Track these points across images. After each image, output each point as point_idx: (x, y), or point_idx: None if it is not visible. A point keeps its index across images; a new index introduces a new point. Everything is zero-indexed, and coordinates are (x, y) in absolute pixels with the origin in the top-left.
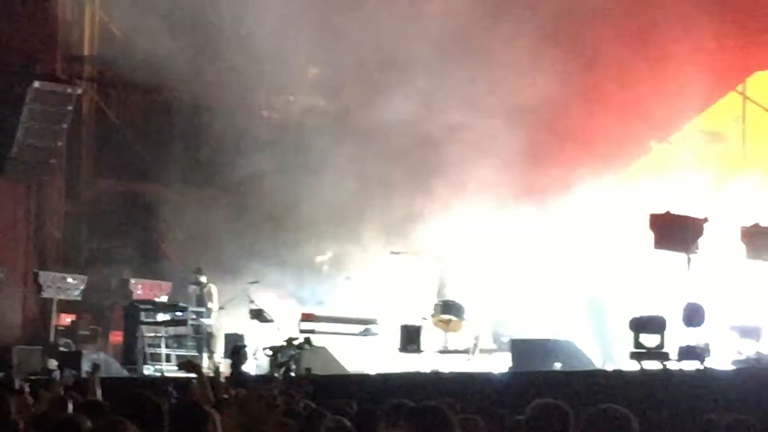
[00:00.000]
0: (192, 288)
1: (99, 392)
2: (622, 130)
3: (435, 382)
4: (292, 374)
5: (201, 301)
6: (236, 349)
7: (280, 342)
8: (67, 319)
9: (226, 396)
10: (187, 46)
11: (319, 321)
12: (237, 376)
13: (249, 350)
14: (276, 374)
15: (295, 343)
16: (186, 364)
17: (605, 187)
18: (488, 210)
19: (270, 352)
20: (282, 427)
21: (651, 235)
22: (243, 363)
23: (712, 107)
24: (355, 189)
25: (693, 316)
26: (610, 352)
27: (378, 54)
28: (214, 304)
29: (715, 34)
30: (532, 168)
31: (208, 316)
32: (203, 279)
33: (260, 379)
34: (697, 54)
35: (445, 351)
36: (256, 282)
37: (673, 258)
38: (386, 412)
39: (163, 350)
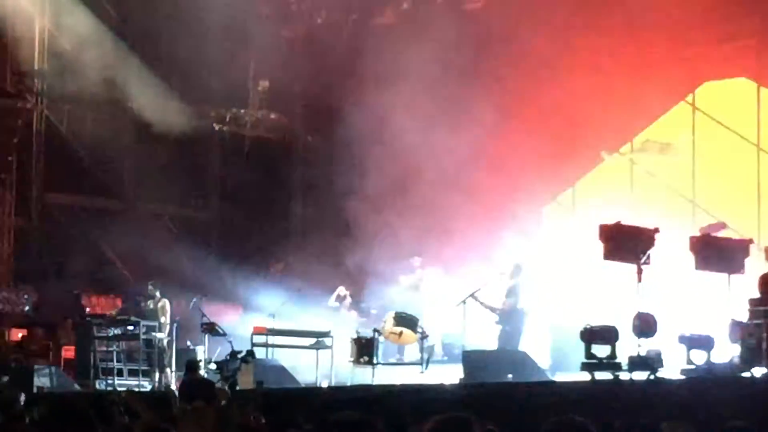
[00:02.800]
0: (146, 302)
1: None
2: (572, 142)
3: (389, 394)
4: (237, 387)
5: (154, 315)
6: (189, 363)
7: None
8: (18, 333)
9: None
10: (138, 60)
11: (271, 334)
12: (189, 389)
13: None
14: (221, 387)
15: (239, 356)
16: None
17: (557, 196)
18: (442, 219)
19: (214, 366)
20: None
21: (601, 246)
22: (196, 377)
23: (662, 118)
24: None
25: (644, 326)
26: (562, 363)
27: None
28: (167, 319)
29: (665, 45)
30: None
31: (161, 330)
32: (157, 293)
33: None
34: (647, 65)
35: (397, 363)
36: (204, 296)
37: (624, 268)
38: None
39: (116, 365)
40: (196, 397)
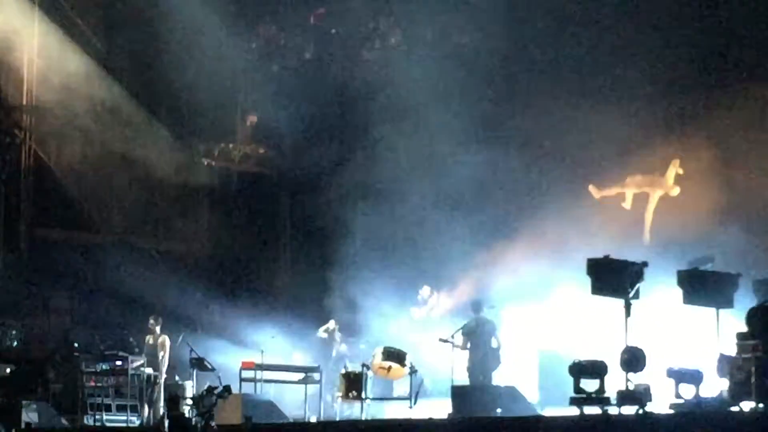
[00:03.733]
0: (145, 335)
1: None
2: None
3: (377, 429)
4: (213, 423)
5: (153, 350)
6: (172, 398)
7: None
8: (6, 368)
9: None
10: (126, 94)
11: (260, 369)
12: (175, 423)
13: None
14: (198, 423)
15: (216, 392)
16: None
17: (546, 230)
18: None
19: (191, 402)
20: None
21: (589, 281)
22: (179, 411)
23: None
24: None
25: (633, 360)
26: (551, 397)
27: None
28: (166, 354)
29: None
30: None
31: (159, 365)
32: (158, 329)
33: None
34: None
35: (386, 398)
36: (195, 330)
37: (613, 303)
38: None
39: (104, 400)
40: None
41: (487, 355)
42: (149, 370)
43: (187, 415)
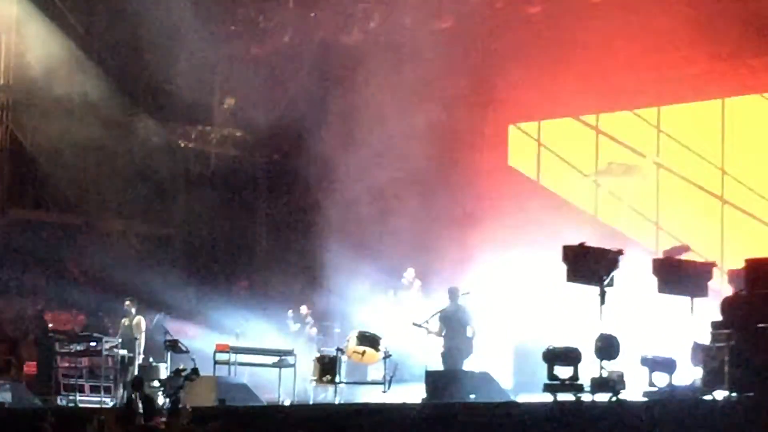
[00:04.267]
0: (121, 317)
1: None
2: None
3: (350, 413)
4: (179, 405)
5: (129, 332)
6: (136, 379)
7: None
8: None
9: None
10: (104, 76)
11: (234, 352)
12: (143, 406)
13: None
14: (163, 405)
15: (183, 374)
16: None
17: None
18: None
19: (158, 384)
20: None
21: (564, 268)
22: (142, 392)
23: (626, 140)
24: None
25: (607, 348)
26: (525, 384)
27: None
28: (141, 336)
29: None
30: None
31: (135, 348)
32: (133, 310)
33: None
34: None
35: (360, 382)
36: (168, 314)
37: (588, 290)
38: None
39: (78, 381)
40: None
41: (462, 342)
42: (123, 352)
43: (155, 396)
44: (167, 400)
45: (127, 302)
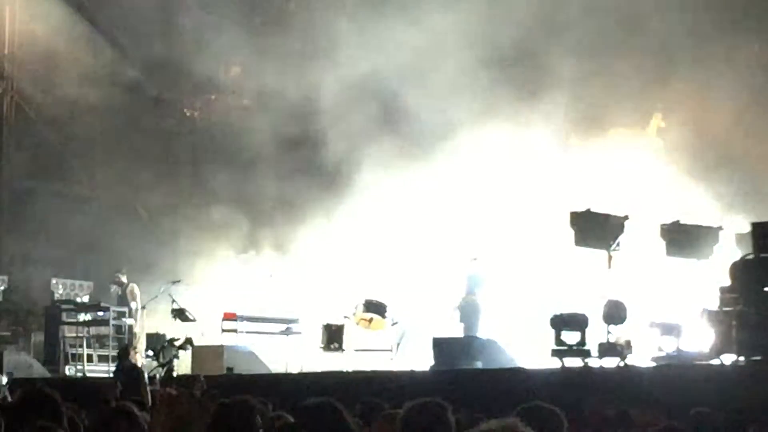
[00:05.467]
0: (114, 288)
1: None
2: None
3: (356, 381)
4: (174, 374)
5: (123, 300)
6: (122, 349)
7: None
8: None
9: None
10: (109, 46)
11: (241, 320)
12: (121, 376)
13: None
14: (157, 374)
15: (177, 343)
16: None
17: (528, 183)
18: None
19: (151, 353)
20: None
21: (571, 233)
22: (129, 362)
23: (633, 103)
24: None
25: (614, 313)
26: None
27: None
28: (136, 304)
29: None
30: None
31: (131, 316)
32: (124, 278)
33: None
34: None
35: (367, 350)
36: (178, 281)
37: (594, 255)
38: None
39: (85, 350)
40: (126, 384)
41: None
42: (129, 321)
43: (140, 365)
44: (159, 369)
45: (117, 273)
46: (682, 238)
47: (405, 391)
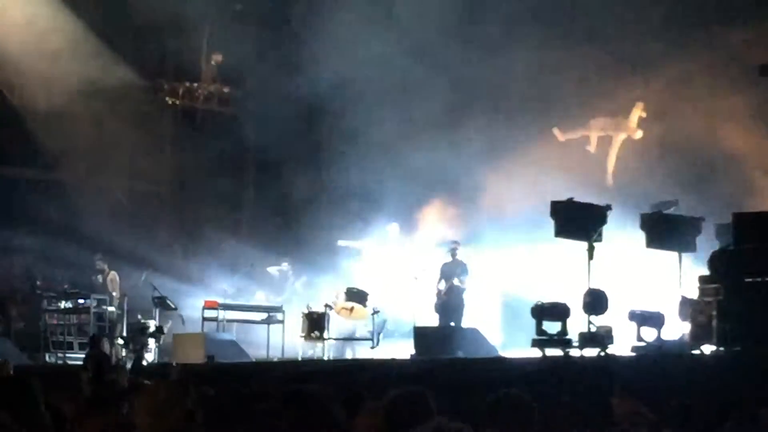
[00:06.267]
0: (94, 276)
1: None
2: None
3: (339, 370)
4: (143, 362)
5: (104, 288)
6: (93, 337)
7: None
8: None
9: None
10: (91, 32)
11: (222, 308)
12: (93, 362)
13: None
14: (127, 362)
15: (148, 331)
16: None
17: (509, 174)
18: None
19: (122, 341)
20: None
21: (552, 223)
22: (99, 350)
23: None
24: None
25: (595, 303)
26: (513, 339)
27: None
28: (117, 291)
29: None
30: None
31: (111, 304)
32: (105, 266)
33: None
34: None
35: (349, 338)
36: (155, 270)
37: (575, 245)
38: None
39: (66, 338)
40: (97, 371)
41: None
42: (110, 309)
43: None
44: (130, 356)
45: (98, 260)
46: (663, 229)
47: (386, 380)
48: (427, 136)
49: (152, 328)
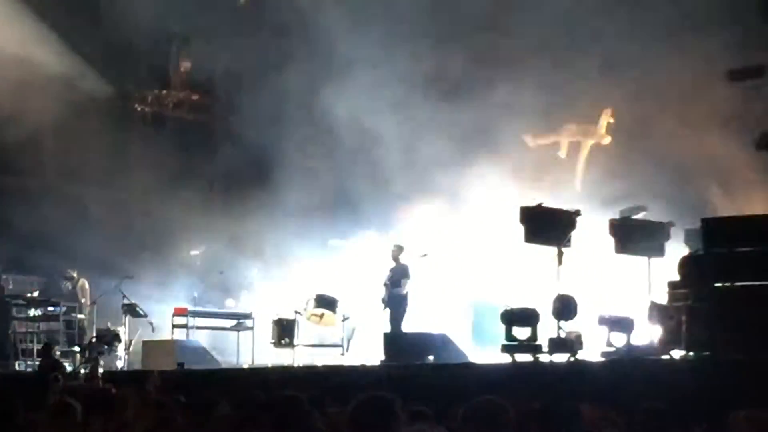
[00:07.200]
0: (64, 283)
1: None
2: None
3: (309, 376)
4: (100, 370)
5: (74, 296)
6: (45, 346)
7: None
8: None
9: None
10: (59, 38)
11: (192, 315)
12: (43, 372)
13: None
14: (83, 370)
15: (104, 339)
16: None
17: (481, 180)
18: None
19: (78, 349)
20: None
21: (522, 229)
22: (50, 358)
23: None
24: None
25: (564, 308)
26: (483, 345)
27: None
28: (87, 299)
29: None
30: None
31: (81, 311)
32: (74, 273)
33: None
34: None
35: (318, 345)
36: (130, 277)
37: (545, 251)
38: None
39: (36, 346)
40: (48, 379)
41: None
42: (80, 316)
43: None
44: (85, 365)
45: (68, 269)
46: (632, 234)
47: (355, 386)
48: (400, 143)
49: (109, 337)
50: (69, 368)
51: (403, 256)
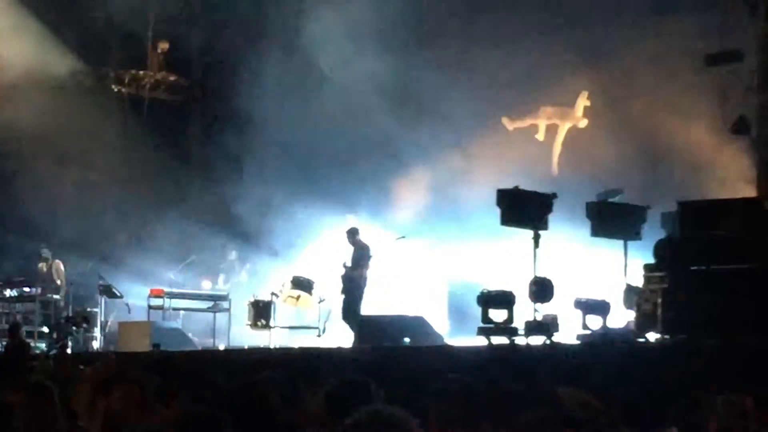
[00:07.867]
0: (39, 264)
1: None
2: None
3: (285, 358)
4: (69, 351)
5: (48, 277)
6: (12, 326)
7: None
8: None
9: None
10: (35, 18)
11: (168, 297)
12: (9, 352)
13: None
14: (53, 351)
15: (72, 320)
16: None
17: (457, 163)
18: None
19: (47, 330)
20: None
21: (498, 211)
22: (18, 339)
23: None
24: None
25: (541, 291)
26: (459, 327)
27: None
28: (62, 280)
29: None
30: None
31: (57, 292)
32: (48, 254)
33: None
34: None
35: (295, 326)
36: (104, 259)
37: (522, 233)
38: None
39: None
40: (14, 360)
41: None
42: (56, 297)
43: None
44: (55, 345)
45: (42, 248)
46: (608, 217)
47: (332, 368)
48: (379, 128)
49: (78, 318)
50: (45, 349)
51: (360, 237)
